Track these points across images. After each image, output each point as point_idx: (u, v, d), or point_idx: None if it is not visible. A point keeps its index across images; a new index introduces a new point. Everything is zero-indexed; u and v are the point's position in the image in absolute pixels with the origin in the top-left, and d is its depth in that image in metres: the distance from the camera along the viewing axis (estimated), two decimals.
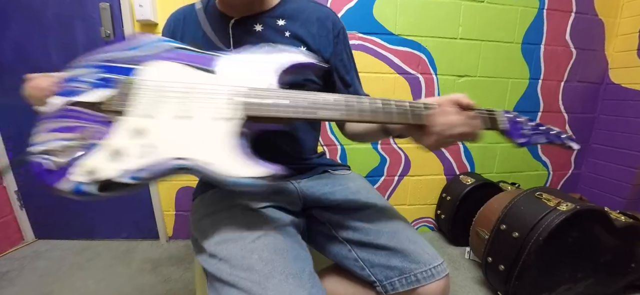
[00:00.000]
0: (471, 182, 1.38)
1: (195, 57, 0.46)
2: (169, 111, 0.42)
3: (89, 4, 1.16)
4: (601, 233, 0.96)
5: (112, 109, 0.41)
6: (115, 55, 0.46)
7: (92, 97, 0.42)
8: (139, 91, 0.43)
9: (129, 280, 1.13)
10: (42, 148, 0.39)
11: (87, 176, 0.38)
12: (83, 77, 0.44)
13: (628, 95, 1.42)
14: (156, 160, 0.39)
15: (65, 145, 0.39)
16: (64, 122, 0.41)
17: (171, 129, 0.42)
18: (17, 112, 1.25)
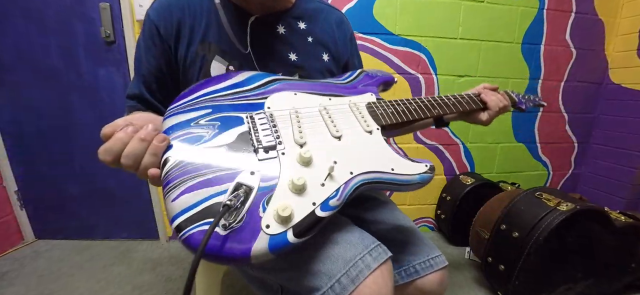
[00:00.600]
0: (471, 182, 1.38)
1: (303, 84, 0.49)
2: (320, 134, 0.41)
3: (89, 4, 1.16)
4: (601, 233, 0.96)
5: (264, 145, 0.37)
6: (221, 96, 0.42)
7: (227, 138, 0.37)
8: (279, 123, 0.41)
9: (129, 280, 1.13)
10: (194, 213, 0.30)
11: (282, 224, 0.31)
12: (195, 121, 0.38)
13: (628, 95, 1.42)
14: (341, 182, 0.36)
15: (230, 199, 0.30)
16: (211, 172, 0.33)
17: (334, 150, 0.40)
18: (17, 112, 1.25)
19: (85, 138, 1.30)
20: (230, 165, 0.34)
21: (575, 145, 1.59)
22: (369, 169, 0.39)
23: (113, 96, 1.26)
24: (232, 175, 0.33)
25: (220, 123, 0.38)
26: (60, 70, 1.22)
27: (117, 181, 1.36)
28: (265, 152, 0.36)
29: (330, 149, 0.40)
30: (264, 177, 0.34)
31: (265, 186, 0.33)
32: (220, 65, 0.51)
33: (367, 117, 0.46)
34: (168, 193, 0.31)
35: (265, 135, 0.38)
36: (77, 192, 1.35)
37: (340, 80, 0.53)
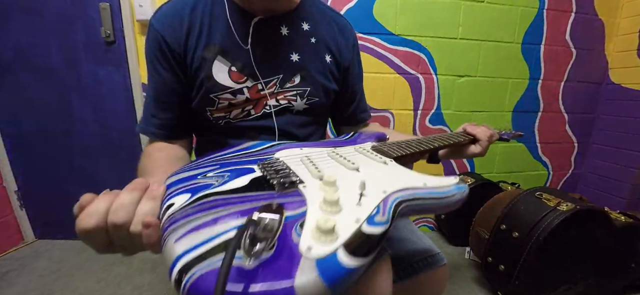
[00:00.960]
0: (471, 182, 1.38)
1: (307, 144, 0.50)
2: (339, 168, 0.40)
3: (89, 4, 1.16)
4: (601, 233, 0.96)
5: (283, 182, 0.33)
6: (228, 157, 0.42)
7: (240, 183, 0.33)
8: (293, 166, 0.39)
9: (129, 280, 1.13)
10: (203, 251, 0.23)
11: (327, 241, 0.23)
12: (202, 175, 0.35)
13: (628, 95, 1.42)
14: (376, 201, 0.30)
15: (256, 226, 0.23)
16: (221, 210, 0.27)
17: (357, 178, 0.36)
18: (17, 112, 1.25)
19: (85, 138, 1.30)
20: (245, 202, 0.29)
21: (575, 145, 1.59)
22: (401, 186, 0.34)
23: (113, 96, 1.26)
24: (250, 209, 0.27)
25: (230, 173, 0.35)
26: (60, 70, 1.22)
27: (117, 181, 1.35)
28: (285, 187, 0.32)
29: (353, 178, 0.36)
30: (288, 206, 0.28)
31: (293, 213, 0.27)
32: (222, 65, 0.51)
33: (376, 155, 0.46)
34: (169, 235, 0.25)
35: (282, 173, 0.35)
36: (77, 192, 1.34)
37: (340, 139, 0.56)
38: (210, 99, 0.51)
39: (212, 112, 0.53)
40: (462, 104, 1.42)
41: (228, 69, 0.51)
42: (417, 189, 0.35)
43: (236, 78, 0.52)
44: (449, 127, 1.45)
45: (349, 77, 0.64)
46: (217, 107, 0.52)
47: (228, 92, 0.51)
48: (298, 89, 0.56)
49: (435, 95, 1.40)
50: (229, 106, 0.53)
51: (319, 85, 0.57)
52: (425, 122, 1.42)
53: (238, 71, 0.51)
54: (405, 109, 1.39)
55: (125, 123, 1.29)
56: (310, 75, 0.56)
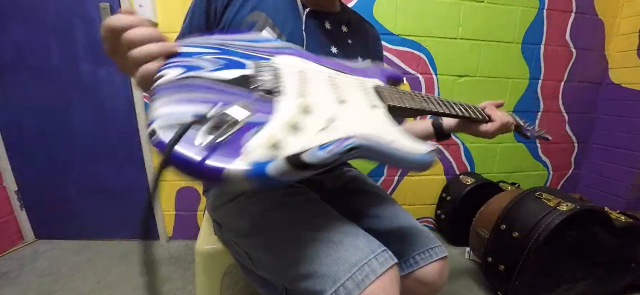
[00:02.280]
0: (471, 182, 1.38)
1: (314, 56, 0.48)
2: (325, 94, 0.39)
3: (89, 4, 1.16)
4: (601, 233, 0.96)
5: (265, 87, 0.35)
6: (234, 43, 0.41)
7: (227, 75, 0.35)
8: (284, 76, 0.39)
9: (129, 280, 1.13)
10: (172, 122, 0.27)
11: (269, 151, 0.28)
12: (199, 55, 0.37)
13: (628, 95, 1.42)
14: (337, 136, 0.32)
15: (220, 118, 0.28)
16: (201, 93, 0.31)
17: (336, 110, 0.37)
18: (17, 112, 1.25)
19: (85, 138, 1.30)
20: (223, 93, 0.32)
21: (575, 145, 1.59)
22: (368, 133, 0.35)
23: (113, 96, 1.26)
24: (223, 102, 0.31)
25: (224, 62, 0.37)
26: (60, 70, 1.22)
27: (117, 181, 1.36)
28: (264, 93, 0.34)
29: (332, 109, 0.37)
30: (256, 111, 0.31)
31: (256, 120, 0.30)
32: (269, 36, 0.53)
33: (372, 96, 0.45)
34: (154, 101, 0.29)
35: (267, 80, 0.36)
36: (77, 192, 1.35)
37: (352, 65, 0.54)
38: None
39: None
40: None
41: (277, 35, 0.54)
42: (381, 143, 0.35)
43: None
44: None
45: None
46: None
47: None
48: None
49: (435, 95, 1.40)
50: None
51: None
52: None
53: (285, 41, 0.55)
54: None
55: (125, 123, 1.29)
56: None
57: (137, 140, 1.30)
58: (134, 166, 1.33)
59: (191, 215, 1.41)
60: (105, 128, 1.29)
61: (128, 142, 1.31)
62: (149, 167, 1.33)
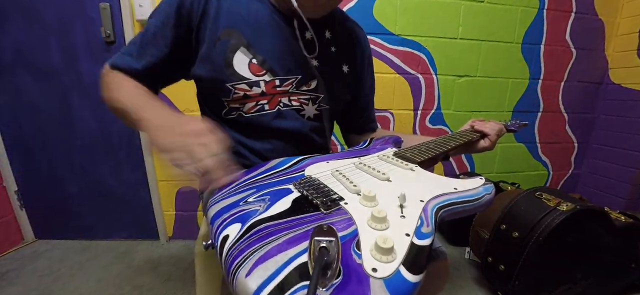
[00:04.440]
0: None
1: (329, 156, 0.52)
2: (369, 179, 0.42)
3: (89, 4, 1.16)
4: (601, 233, 0.96)
5: (325, 200, 0.35)
6: (261, 179, 0.43)
7: (282, 206, 0.35)
8: (327, 181, 0.41)
9: (129, 280, 1.13)
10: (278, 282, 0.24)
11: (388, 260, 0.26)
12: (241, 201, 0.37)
13: (628, 95, 1.42)
14: (417, 212, 0.33)
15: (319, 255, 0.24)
16: (275, 240, 0.29)
17: (391, 189, 0.39)
18: (17, 112, 1.25)
19: (85, 138, 1.30)
20: (297, 226, 0.31)
21: (575, 145, 1.59)
22: (436, 193, 0.37)
23: None
24: (303, 233, 0.29)
25: (270, 197, 0.37)
26: (60, 70, 1.22)
27: (117, 181, 1.36)
28: (328, 207, 0.34)
29: (387, 189, 0.39)
30: (338, 226, 0.30)
31: (345, 234, 0.29)
32: (244, 57, 0.52)
33: (401, 161, 0.48)
34: (237, 270, 0.26)
35: (321, 192, 0.37)
36: (77, 192, 1.35)
37: (358, 148, 0.58)
38: (226, 88, 0.52)
39: (228, 102, 0.54)
40: (462, 104, 1.42)
41: (249, 61, 0.52)
42: (450, 194, 0.37)
43: (255, 70, 0.52)
44: (449, 127, 1.44)
45: (362, 88, 0.67)
46: (233, 98, 0.53)
47: (245, 82, 0.52)
48: (312, 94, 0.58)
49: (435, 95, 1.40)
50: (243, 97, 0.53)
51: (333, 93, 0.60)
52: (425, 122, 1.42)
53: (258, 64, 0.52)
54: (405, 109, 1.39)
55: None
56: (326, 82, 0.58)
57: (137, 140, 1.31)
58: (134, 166, 1.33)
59: (191, 215, 1.41)
60: (105, 128, 1.29)
61: (128, 142, 1.31)
62: (149, 167, 1.33)
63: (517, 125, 0.76)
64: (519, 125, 0.77)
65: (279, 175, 0.45)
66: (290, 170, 0.46)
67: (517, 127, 0.76)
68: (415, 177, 0.43)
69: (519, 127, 0.77)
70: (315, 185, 0.39)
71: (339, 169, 0.45)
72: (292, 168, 0.47)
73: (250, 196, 0.38)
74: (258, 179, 0.43)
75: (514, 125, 0.75)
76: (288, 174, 0.45)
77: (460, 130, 0.64)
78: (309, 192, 0.37)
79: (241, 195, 0.38)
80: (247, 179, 0.44)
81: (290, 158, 0.51)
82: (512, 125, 0.75)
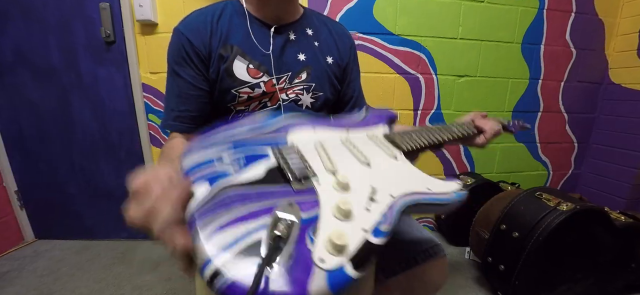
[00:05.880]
0: (471, 182, 1.38)
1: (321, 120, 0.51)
2: (350, 162, 0.41)
3: (89, 4, 1.16)
4: (601, 233, 0.96)
5: (298, 175, 0.35)
6: (242, 134, 0.41)
7: (256, 172, 0.34)
8: (307, 155, 0.40)
9: (129, 280, 1.13)
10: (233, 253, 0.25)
11: (337, 255, 0.27)
12: (216, 159, 0.36)
13: (628, 95, 1.41)
14: (383, 208, 0.33)
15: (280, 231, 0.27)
16: (242, 207, 0.29)
17: (367, 176, 0.38)
18: (17, 112, 1.25)
19: (85, 138, 1.30)
20: (263, 199, 0.31)
21: (575, 145, 1.59)
22: (408, 190, 0.37)
23: (113, 96, 1.26)
24: (268, 208, 0.30)
25: (246, 159, 0.36)
26: (60, 70, 1.22)
27: (117, 181, 1.36)
28: (300, 183, 0.34)
29: (363, 175, 0.38)
30: (303, 206, 0.31)
31: (307, 217, 0.30)
32: (241, 63, 0.58)
33: (388, 145, 0.47)
34: (198, 232, 0.27)
35: (296, 166, 0.36)
36: (77, 192, 1.35)
37: (352, 118, 0.57)
38: (232, 94, 0.58)
39: (234, 106, 0.60)
40: (462, 104, 1.42)
41: (246, 66, 0.58)
42: (422, 194, 0.37)
43: (253, 74, 0.58)
44: None
45: (347, 76, 0.71)
46: (238, 101, 0.59)
47: (247, 86, 0.58)
48: (304, 84, 0.63)
49: (435, 95, 1.40)
50: (248, 99, 0.59)
51: (322, 80, 0.64)
52: (425, 122, 1.42)
53: (255, 68, 0.59)
54: (406, 108, 1.39)
55: (125, 123, 1.29)
56: (315, 71, 0.63)
57: (137, 140, 1.31)
58: (134, 166, 1.33)
59: None
60: (105, 128, 1.29)
61: (128, 142, 1.31)
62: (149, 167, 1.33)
63: (518, 126, 0.76)
64: (519, 126, 0.76)
65: (261, 134, 0.43)
66: (274, 132, 0.44)
67: (516, 128, 0.76)
68: (395, 167, 0.43)
69: (519, 128, 0.76)
70: (293, 156, 0.38)
71: (323, 142, 0.44)
72: (276, 129, 0.45)
73: (226, 153, 0.37)
74: (237, 135, 0.42)
75: (513, 127, 0.75)
76: (270, 136, 0.43)
77: (459, 122, 0.63)
78: (284, 163, 0.37)
79: (217, 151, 0.37)
80: (228, 131, 0.42)
81: (278, 116, 0.49)
82: (512, 126, 0.74)
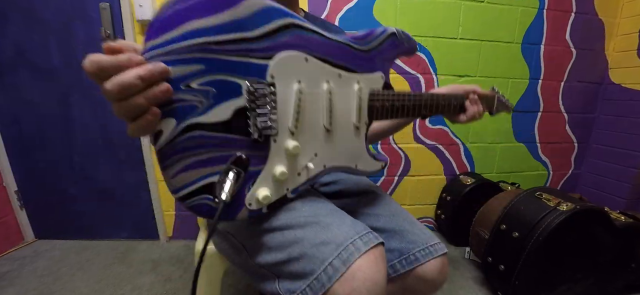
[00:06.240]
0: (471, 182, 1.38)
1: (319, 42, 0.42)
2: (314, 124, 0.43)
3: (89, 4, 1.16)
4: (601, 233, 0.96)
5: (260, 128, 0.37)
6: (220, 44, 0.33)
7: (223, 113, 0.35)
8: (279, 104, 0.39)
9: (129, 280, 1.13)
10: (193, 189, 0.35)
11: (259, 204, 0.40)
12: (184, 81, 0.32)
13: (628, 95, 1.41)
14: (313, 175, 0.44)
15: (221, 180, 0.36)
16: (205, 153, 0.35)
17: (319, 145, 0.44)
18: (17, 111, 1.25)
19: (85, 138, 1.30)
20: (223, 147, 0.36)
21: (575, 145, 1.59)
22: (339, 164, 0.47)
23: None
24: (225, 157, 0.37)
25: (216, 90, 0.34)
26: (60, 70, 1.22)
27: (117, 181, 1.36)
28: (259, 137, 0.38)
29: (316, 140, 0.44)
30: (253, 161, 0.39)
31: (253, 170, 0.39)
32: None
33: (364, 109, 0.48)
34: (166, 169, 0.34)
35: (262, 119, 0.38)
36: (77, 192, 1.35)
37: (363, 45, 0.47)
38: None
39: None
40: None
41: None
42: (347, 167, 0.48)
43: None
44: (449, 127, 1.45)
45: None
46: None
47: None
48: None
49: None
50: None
51: None
52: (426, 122, 1.42)
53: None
54: None
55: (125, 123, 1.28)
56: None
57: (137, 140, 1.31)
58: (134, 166, 1.34)
59: (191, 215, 1.41)
60: (105, 128, 1.29)
61: (128, 142, 1.31)
62: (149, 167, 1.33)
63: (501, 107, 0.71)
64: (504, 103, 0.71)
65: (242, 47, 0.35)
66: (259, 48, 0.36)
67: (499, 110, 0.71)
68: (348, 138, 0.47)
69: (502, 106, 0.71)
70: (263, 103, 0.37)
71: (304, 88, 0.40)
72: (263, 43, 0.36)
73: (196, 79, 0.32)
74: (216, 43, 0.33)
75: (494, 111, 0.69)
76: (252, 55, 0.36)
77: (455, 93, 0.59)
78: (252, 110, 0.36)
79: (186, 70, 0.32)
80: (203, 33, 0.32)
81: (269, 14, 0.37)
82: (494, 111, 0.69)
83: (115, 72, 0.28)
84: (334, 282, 0.37)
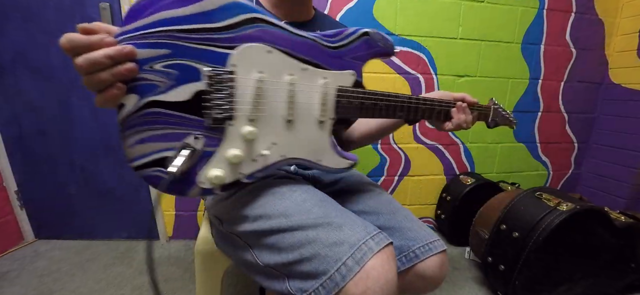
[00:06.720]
0: (471, 182, 1.38)
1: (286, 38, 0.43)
2: (274, 114, 0.43)
3: (89, 4, 1.16)
4: (601, 233, 0.96)
5: (214, 116, 0.39)
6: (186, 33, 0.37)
7: (182, 94, 0.38)
8: (238, 91, 0.40)
9: (129, 280, 1.13)
10: (148, 161, 0.38)
11: (211, 183, 0.41)
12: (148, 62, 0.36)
13: (628, 95, 1.42)
14: (270, 162, 0.44)
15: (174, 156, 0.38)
16: (162, 129, 0.38)
17: (279, 134, 0.44)
18: (17, 112, 1.25)
19: (85, 138, 1.30)
20: (180, 126, 0.38)
21: (575, 145, 1.59)
22: (301, 156, 0.46)
23: None
24: (181, 135, 0.39)
25: (178, 73, 0.37)
26: (60, 70, 1.22)
27: (117, 181, 1.36)
28: (214, 122, 0.39)
29: (276, 130, 0.44)
30: (208, 142, 0.40)
31: (208, 150, 0.40)
32: None
33: (329, 105, 0.47)
34: (124, 139, 0.37)
35: (218, 103, 0.39)
36: (77, 192, 1.35)
37: (332, 42, 0.47)
38: None
39: None
40: None
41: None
42: (310, 161, 0.48)
43: None
44: None
45: None
46: None
47: None
48: None
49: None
50: None
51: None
52: (425, 122, 1.42)
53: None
54: None
55: None
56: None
57: None
58: None
59: (191, 215, 1.41)
60: (105, 128, 1.29)
61: None
62: None
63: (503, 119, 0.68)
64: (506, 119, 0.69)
65: (207, 36, 0.38)
66: (223, 38, 0.39)
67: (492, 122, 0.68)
68: (311, 132, 0.47)
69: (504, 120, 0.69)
70: (222, 88, 0.39)
71: (265, 79, 0.41)
72: (227, 33, 0.39)
73: (160, 61, 0.36)
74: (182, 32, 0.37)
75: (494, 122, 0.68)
76: (216, 44, 0.38)
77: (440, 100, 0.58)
78: (211, 94, 0.39)
79: (151, 53, 0.35)
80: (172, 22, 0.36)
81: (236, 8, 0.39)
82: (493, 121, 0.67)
83: (87, 50, 0.32)
84: (348, 281, 0.38)
